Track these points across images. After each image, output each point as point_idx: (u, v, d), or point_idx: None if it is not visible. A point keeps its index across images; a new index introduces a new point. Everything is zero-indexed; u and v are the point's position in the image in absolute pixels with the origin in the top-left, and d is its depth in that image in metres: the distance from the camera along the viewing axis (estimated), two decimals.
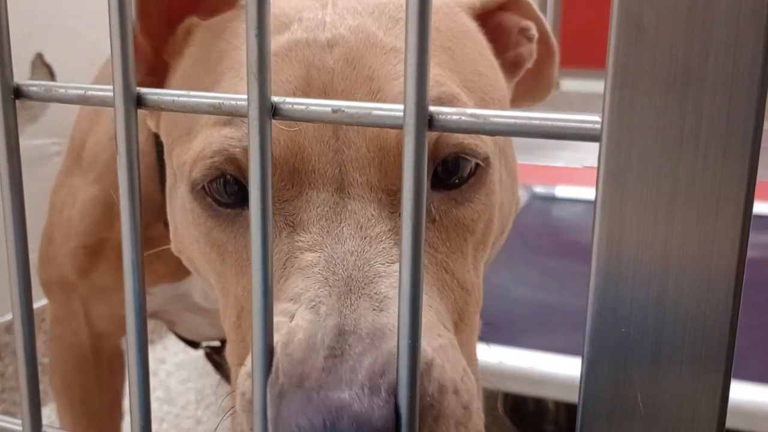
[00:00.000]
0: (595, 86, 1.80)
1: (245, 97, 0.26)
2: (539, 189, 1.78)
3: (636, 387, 0.23)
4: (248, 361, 0.39)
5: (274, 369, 0.35)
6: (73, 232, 0.64)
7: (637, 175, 0.22)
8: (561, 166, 2.39)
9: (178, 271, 0.63)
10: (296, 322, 0.37)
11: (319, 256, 0.39)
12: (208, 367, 1.25)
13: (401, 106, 0.25)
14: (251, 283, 0.27)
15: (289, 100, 0.26)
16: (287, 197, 0.42)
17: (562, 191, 1.77)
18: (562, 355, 0.93)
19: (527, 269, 1.34)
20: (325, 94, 0.42)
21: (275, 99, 0.26)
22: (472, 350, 0.48)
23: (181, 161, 0.45)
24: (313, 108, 0.26)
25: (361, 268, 0.39)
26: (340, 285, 0.38)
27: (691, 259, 0.22)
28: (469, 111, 0.24)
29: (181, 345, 1.41)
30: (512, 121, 0.24)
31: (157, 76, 0.51)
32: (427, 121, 0.25)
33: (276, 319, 0.38)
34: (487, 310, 1.21)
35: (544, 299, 1.20)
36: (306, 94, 0.43)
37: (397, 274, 0.35)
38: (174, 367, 1.38)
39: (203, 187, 0.43)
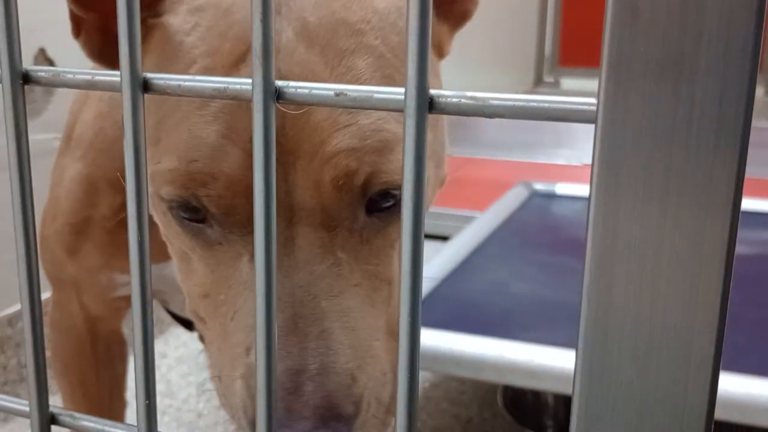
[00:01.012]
0: (595, 85, 1.80)
1: (249, 81, 0.27)
2: (540, 186, 1.79)
3: (629, 378, 0.24)
4: (235, 371, 0.46)
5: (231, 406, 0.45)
6: (60, 210, 0.66)
7: (632, 156, 0.23)
8: (560, 164, 2.40)
9: (162, 252, 0.64)
10: (251, 359, 0.44)
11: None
12: None
13: (402, 89, 0.25)
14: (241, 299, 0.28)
15: (292, 84, 0.27)
16: (249, 228, 0.45)
17: (563, 188, 1.77)
18: (561, 348, 0.93)
19: (527, 265, 1.35)
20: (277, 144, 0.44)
21: (279, 83, 0.27)
22: (394, 324, 0.54)
23: (150, 170, 0.46)
24: (317, 92, 0.27)
25: (307, 305, 0.44)
26: (289, 324, 0.44)
27: (684, 242, 0.23)
28: (469, 94, 0.25)
29: (182, 339, 1.42)
30: (510, 103, 0.25)
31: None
32: (427, 104, 0.25)
33: (234, 350, 0.45)
34: (487, 305, 1.22)
35: (543, 295, 1.20)
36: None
37: (339, 307, 0.45)
38: (175, 362, 1.38)
39: (170, 206, 0.47)
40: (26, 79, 0.30)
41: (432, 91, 0.25)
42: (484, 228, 1.47)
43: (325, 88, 0.27)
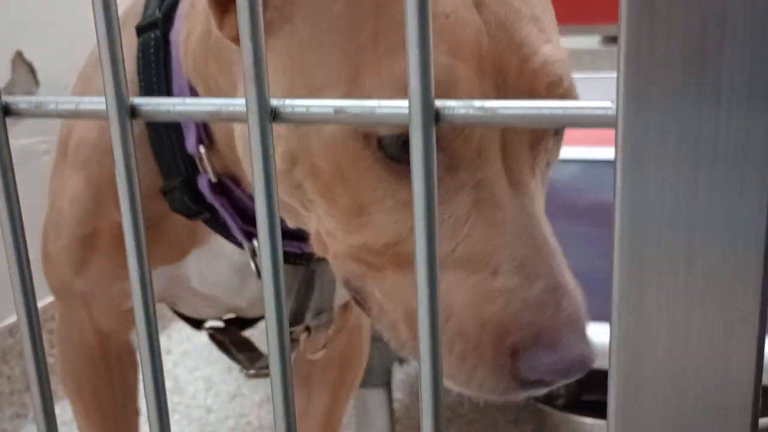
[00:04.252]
0: (580, 42, 1.78)
1: (243, 101, 0.25)
2: None
3: (666, 346, 0.23)
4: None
5: (485, 326, 0.42)
6: (65, 223, 0.63)
7: (656, 157, 0.21)
8: None
9: (176, 252, 0.62)
10: (503, 283, 0.42)
11: (504, 216, 0.43)
12: (215, 354, 1.24)
13: (405, 102, 0.24)
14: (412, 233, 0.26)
15: (288, 102, 0.25)
16: (471, 156, 0.44)
17: (572, 152, 1.75)
18: None
19: None
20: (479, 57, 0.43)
21: (274, 102, 0.25)
22: None
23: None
24: (315, 110, 0.25)
25: (535, 227, 0.44)
26: (529, 245, 0.43)
27: (715, 240, 0.22)
28: (477, 103, 0.24)
29: (185, 334, 1.41)
30: (522, 111, 0.23)
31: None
32: (434, 116, 0.24)
33: (474, 277, 0.43)
34: None
35: None
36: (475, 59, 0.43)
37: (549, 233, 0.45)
38: (180, 357, 1.37)
39: (379, 140, 0.44)
40: (7, 111, 0.29)
41: (437, 103, 0.24)
42: None
43: (324, 105, 0.25)
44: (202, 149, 0.56)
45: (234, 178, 0.57)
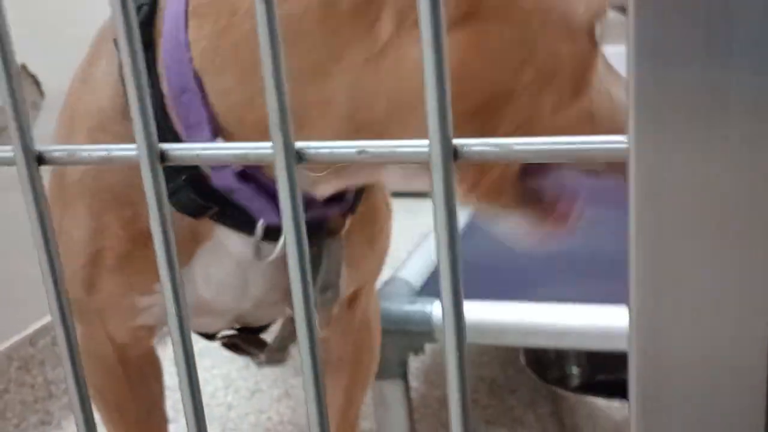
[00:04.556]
0: None
1: (269, 144, 0.27)
2: None
3: (683, 327, 0.24)
4: None
5: None
6: (73, 247, 0.65)
7: (672, 193, 0.22)
8: None
9: (182, 257, 0.63)
10: None
11: None
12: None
13: (426, 142, 0.25)
14: None
15: (312, 144, 0.27)
16: None
17: None
18: (579, 304, 0.94)
19: None
20: None
21: (299, 144, 0.27)
22: None
23: None
24: (338, 150, 0.27)
25: None
26: None
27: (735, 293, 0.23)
28: (492, 141, 0.25)
29: None
30: (536, 147, 0.25)
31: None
32: (452, 154, 0.25)
33: None
34: (498, 266, 1.21)
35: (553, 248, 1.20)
36: None
37: None
38: (197, 356, 1.39)
39: None
40: (41, 160, 0.30)
41: (455, 141, 0.25)
42: None
43: (346, 146, 0.26)
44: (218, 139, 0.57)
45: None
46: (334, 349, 0.84)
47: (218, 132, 0.56)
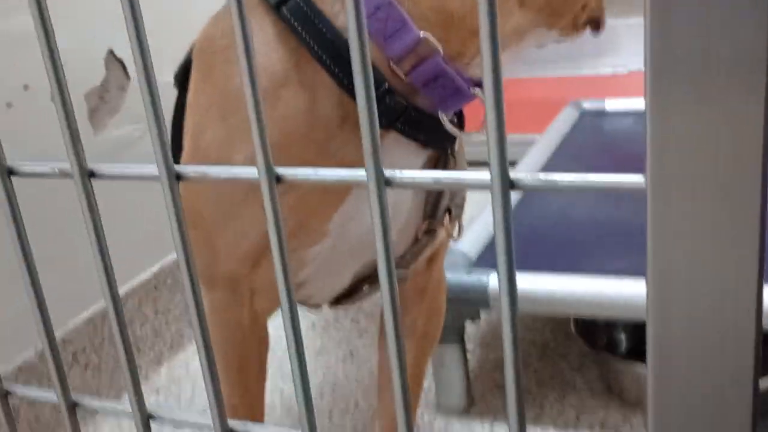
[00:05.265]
0: None
1: (363, 171, 0.34)
2: (588, 105, 1.82)
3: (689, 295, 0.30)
4: None
5: None
6: (243, 237, 0.71)
7: (684, 232, 0.29)
8: (607, 75, 2.41)
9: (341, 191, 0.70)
10: None
11: None
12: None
13: (488, 173, 0.32)
14: None
15: (398, 172, 0.34)
16: None
17: (612, 104, 1.81)
18: (626, 277, 1.00)
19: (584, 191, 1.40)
20: None
21: (387, 172, 0.34)
22: None
23: None
24: (419, 179, 0.34)
25: None
26: None
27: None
28: (542, 176, 0.32)
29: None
30: (572, 180, 0.31)
31: None
32: (509, 184, 0.32)
33: None
34: (551, 238, 1.28)
35: (603, 221, 1.26)
36: None
37: None
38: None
39: None
40: (179, 177, 0.38)
41: (512, 175, 0.32)
42: (538, 157, 1.52)
43: (426, 177, 0.34)
44: (423, 34, 0.65)
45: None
46: (410, 308, 0.91)
47: (415, 30, 0.65)
